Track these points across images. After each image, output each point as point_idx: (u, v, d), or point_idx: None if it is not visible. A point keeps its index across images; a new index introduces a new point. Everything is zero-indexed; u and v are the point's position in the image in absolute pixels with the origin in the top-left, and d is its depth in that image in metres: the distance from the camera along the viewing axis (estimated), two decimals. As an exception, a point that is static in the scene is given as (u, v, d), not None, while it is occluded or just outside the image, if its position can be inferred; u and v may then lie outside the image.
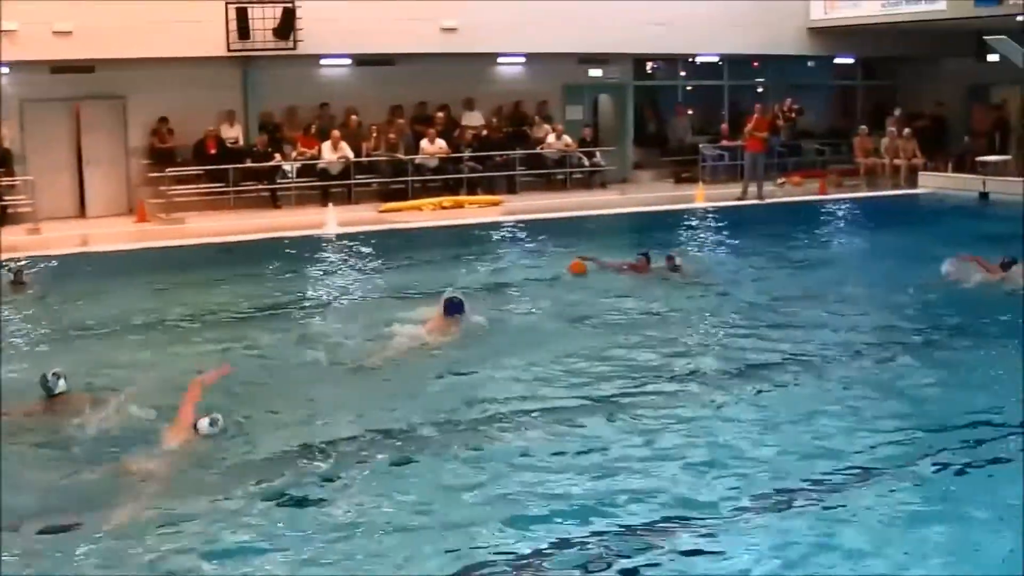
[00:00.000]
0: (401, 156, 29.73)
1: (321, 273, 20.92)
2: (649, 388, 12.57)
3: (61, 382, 11.51)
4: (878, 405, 11.88)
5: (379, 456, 10.45)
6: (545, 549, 8.48)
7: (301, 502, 9.39)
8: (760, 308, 17.05)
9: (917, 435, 10.86)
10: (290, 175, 28.82)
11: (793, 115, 35.88)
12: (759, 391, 12.52)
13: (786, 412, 11.67)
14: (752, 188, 30.45)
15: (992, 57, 32.98)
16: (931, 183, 32.12)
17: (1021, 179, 29.86)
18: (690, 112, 36.56)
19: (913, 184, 32.55)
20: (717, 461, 10.17)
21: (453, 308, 14.87)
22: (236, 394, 12.06)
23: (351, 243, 23.76)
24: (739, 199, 30.25)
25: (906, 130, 33.81)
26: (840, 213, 29.19)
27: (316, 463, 10.28)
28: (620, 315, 16.46)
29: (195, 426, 10.58)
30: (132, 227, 26.28)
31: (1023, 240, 19.40)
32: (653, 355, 14.05)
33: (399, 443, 10.78)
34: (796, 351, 14.25)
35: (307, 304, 17.90)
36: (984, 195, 29.96)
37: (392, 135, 29.96)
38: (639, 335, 15.14)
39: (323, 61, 30.25)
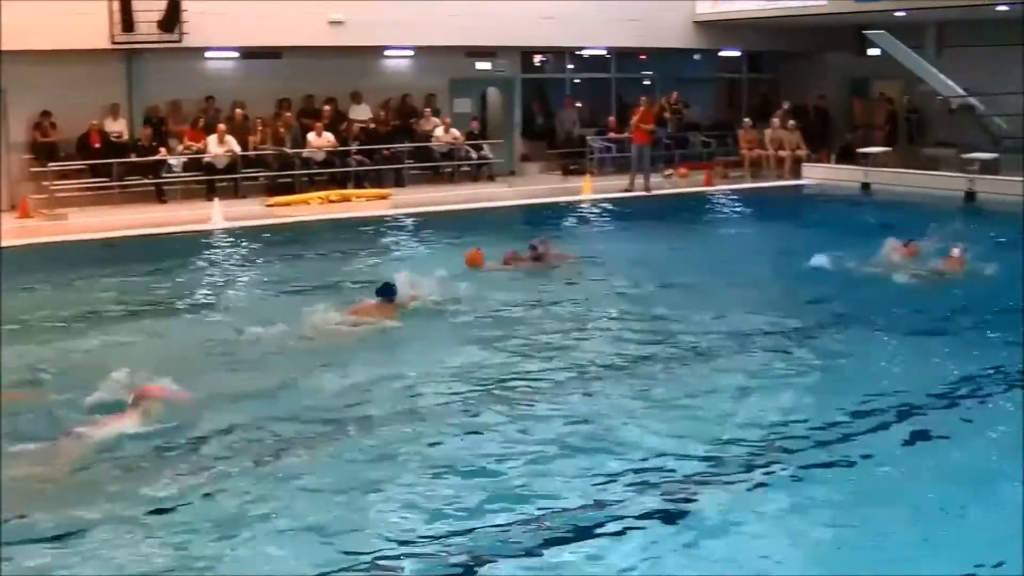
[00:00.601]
0: (288, 150, 29.58)
1: (208, 268, 20.76)
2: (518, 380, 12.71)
3: None
4: (752, 393, 12.08)
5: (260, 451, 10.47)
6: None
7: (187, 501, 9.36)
8: (635, 296, 17.33)
9: (796, 428, 11.02)
10: (176, 169, 28.49)
11: (679, 108, 36.20)
12: (630, 381, 12.69)
13: (656, 403, 11.84)
14: (639, 180, 30.74)
15: (872, 51, 33.58)
16: (815, 174, 32.54)
17: (903, 171, 30.50)
18: (578, 105, 36.62)
19: (797, 175, 32.96)
20: (594, 453, 10.29)
21: (386, 291, 14.93)
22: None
23: (238, 238, 23.64)
24: (626, 191, 30.50)
25: (790, 122, 34.17)
26: (725, 204, 29.53)
27: (210, 460, 10.26)
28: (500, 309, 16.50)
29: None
30: (14, 223, 25.88)
31: None
32: (521, 347, 14.18)
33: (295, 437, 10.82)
34: (670, 340, 14.45)
35: (192, 299, 17.75)
36: (866, 186, 30.38)
37: (279, 128, 29.80)
38: (515, 328, 15.24)
39: (209, 54, 29.95)
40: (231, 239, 23.55)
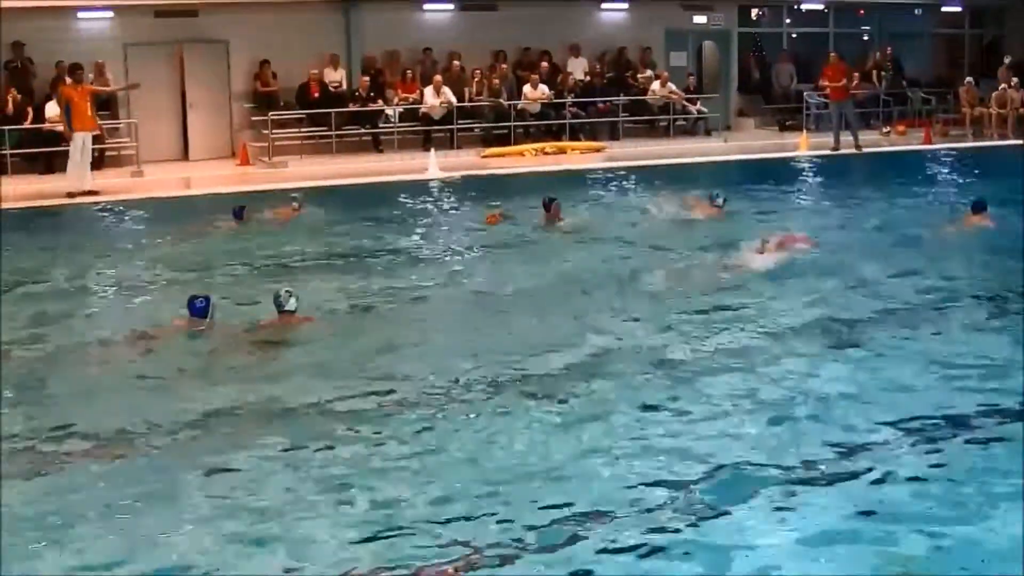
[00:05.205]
0: (503, 101, 29.58)
1: (425, 217, 20.80)
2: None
3: (292, 300, 12.15)
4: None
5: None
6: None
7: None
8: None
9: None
10: (392, 120, 28.73)
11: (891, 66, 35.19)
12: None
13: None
14: (847, 137, 29.80)
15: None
16: (1038, 134, 31.47)
17: None
18: (794, 60, 35.99)
19: (1021, 135, 31.91)
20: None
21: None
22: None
23: (453, 187, 23.69)
24: (833, 149, 29.56)
25: (1014, 79, 33.13)
26: (944, 162, 28.39)
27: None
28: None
29: None
30: (235, 170, 26.40)
31: None
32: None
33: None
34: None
35: (408, 248, 17.69)
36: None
37: (495, 80, 29.83)
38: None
39: (426, 5, 30.24)
40: (447, 188, 23.65)
